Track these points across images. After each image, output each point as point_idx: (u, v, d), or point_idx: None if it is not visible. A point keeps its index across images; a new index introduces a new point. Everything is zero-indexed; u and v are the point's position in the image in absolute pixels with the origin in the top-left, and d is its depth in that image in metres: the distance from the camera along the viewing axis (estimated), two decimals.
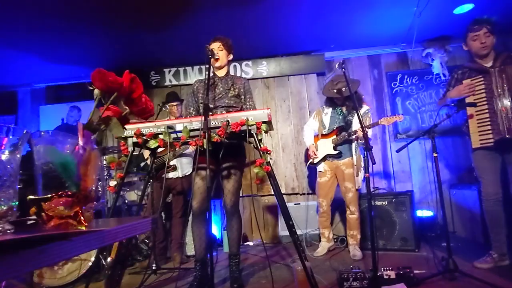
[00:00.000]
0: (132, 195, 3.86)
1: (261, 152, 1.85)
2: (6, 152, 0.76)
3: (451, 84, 2.54)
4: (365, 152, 1.91)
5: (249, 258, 3.28)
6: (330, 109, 3.19)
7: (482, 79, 2.27)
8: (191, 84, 4.33)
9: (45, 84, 4.64)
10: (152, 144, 1.89)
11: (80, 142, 0.81)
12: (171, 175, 3.24)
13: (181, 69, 4.38)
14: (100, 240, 0.62)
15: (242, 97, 2.42)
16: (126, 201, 3.62)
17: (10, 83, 4.59)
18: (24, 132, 0.79)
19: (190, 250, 3.48)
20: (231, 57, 2.47)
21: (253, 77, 4.35)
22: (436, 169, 2.22)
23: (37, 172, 0.80)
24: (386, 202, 3.18)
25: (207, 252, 2.24)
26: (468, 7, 3.49)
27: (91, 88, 0.84)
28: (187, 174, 3.32)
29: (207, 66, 2.14)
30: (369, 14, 3.51)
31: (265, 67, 4.33)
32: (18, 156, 0.78)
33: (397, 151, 2.46)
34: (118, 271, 2.18)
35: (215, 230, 3.81)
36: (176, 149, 2.79)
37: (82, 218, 0.76)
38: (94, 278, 2.79)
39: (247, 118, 1.84)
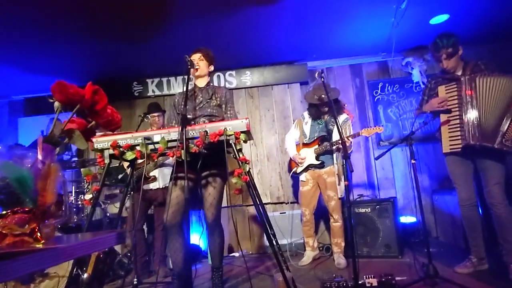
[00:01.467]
0: (113, 208, 3.77)
1: (239, 162, 1.84)
2: None
3: (426, 93, 2.61)
4: (343, 160, 1.92)
5: (234, 270, 3.24)
6: (310, 118, 3.23)
7: (455, 85, 2.34)
8: (174, 95, 4.36)
9: (23, 95, 4.55)
10: (129, 156, 1.86)
11: (39, 156, 0.79)
12: (152, 186, 3.20)
13: (164, 80, 4.36)
14: (54, 257, 0.60)
15: (223, 106, 2.40)
16: (108, 214, 3.53)
17: None
18: None
19: (172, 266, 3.41)
20: (211, 68, 2.47)
21: (237, 87, 4.37)
22: (414, 175, 2.25)
23: None
24: (369, 209, 3.20)
25: (185, 265, 2.19)
26: (443, 17, 3.62)
27: (51, 100, 0.82)
28: (166, 185, 3.28)
29: (187, 76, 2.14)
30: (349, 24, 3.59)
31: (249, 77, 4.36)
32: None
33: (376, 158, 2.49)
34: (96, 287, 2.12)
35: (200, 241, 3.75)
36: (156, 160, 2.75)
37: (38, 235, 0.73)
38: None
39: (225, 128, 1.84)
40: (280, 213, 3.88)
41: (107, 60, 3.92)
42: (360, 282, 2.07)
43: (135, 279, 2.72)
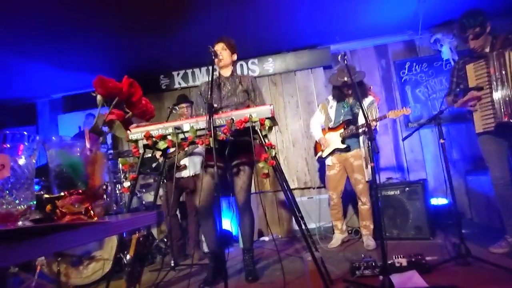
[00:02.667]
0: (149, 196, 3.98)
1: (265, 147, 1.89)
2: (23, 157, 0.84)
3: (454, 75, 2.52)
4: (369, 143, 1.92)
5: (264, 252, 3.34)
6: (335, 102, 3.21)
7: (484, 62, 2.24)
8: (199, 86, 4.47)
9: (62, 94, 4.84)
10: (161, 145, 1.97)
11: (87, 145, 0.88)
12: (183, 174, 3.34)
13: (189, 71, 4.47)
14: (105, 231, 0.69)
15: (252, 94, 2.48)
16: (144, 203, 3.75)
17: (30, 95, 4.81)
18: (37, 138, 0.87)
19: (207, 246, 3.57)
20: (235, 57, 2.53)
21: (260, 75, 4.39)
22: (444, 155, 2.20)
23: (51, 174, 0.88)
24: (398, 191, 3.17)
25: (218, 246, 2.33)
26: None
27: (94, 94, 0.91)
28: (198, 172, 3.41)
29: (212, 67, 2.21)
30: (372, 3, 3.48)
31: (271, 64, 4.37)
32: (34, 161, 0.86)
33: (403, 139, 2.46)
34: (137, 268, 2.29)
35: (231, 227, 3.88)
36: (186, 148, 2.87)
37: (92, 213, 0.83)
38: (116, 277, 2.92)
39: (250, 115, 1.89)
40: (308, 198, 3.93)
41: (135, 55, 4.07)
42: (389, 262, 2.09)
43: (172, 262, 2.89)
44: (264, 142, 1.90)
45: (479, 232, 3.11)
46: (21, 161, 0.83)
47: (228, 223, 3.85)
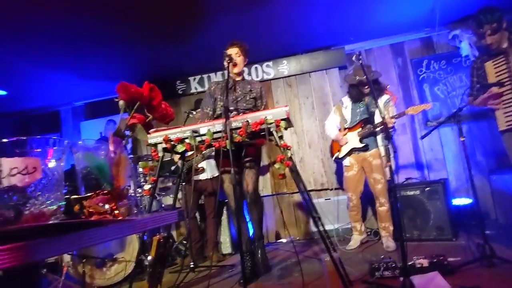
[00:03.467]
0: (168, 199, 4.06)
1: (281, 149, 1.91)
2: (53, 160, 0.89)
3: (474, 75, 2.48)
4: (386, 141, 1.90)
5: (282, 254, 3.34)
6: (351, 102, 3.19)
7: (503, 58, 2.18)
8: None
9: (83, 101, 5.02)
10: (180, 148, 2.02)
11: (111, 148, 0.93)
12: (201, 177, 3.39)
13: (205, 76, 4.55)
14: (131, 228, 0.73)
15: (259, 101, 2.60)
16: (163, 206, 3.83)
17: (54, 104, 5.02)
18: (66, 142, 0.92)
19: (225, 249, 3.61)
20: (246, 61, 2.62)
21: (275, 77, 4.42)
22: (465, 153, 2.15)
23: (78, 176, 0.94)
24: (418, 191, 3.10)
25: (250, 243, 2.51)
26: None
27: (117, 100, 0.96)
28: (215, 175, 3.46)
29: (227, 70, 2.26)
30: (387, 1, 3.44)
31: (286, 66, 4.38)
32: (62, 164, 0.92)
33: (421, 138, 2.42)
34: (158, 269, 2.34)
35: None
36: (203, 152, 2.93)
37: (117, 212, 0.88)
38: (138, 278, 2.99)
39: (266, 116, 1.92)
40: (325, 199, 3.90)
41: (152, 63, 4.18)
42: (410, 263, 2.05)
43: (191, 263, 2.94)
44: (279, 143, 1.91)
45: (504, 233, 3.01)
46: (51, 164, 0.89)
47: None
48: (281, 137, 1.93)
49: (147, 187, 2.05)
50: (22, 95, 4.59)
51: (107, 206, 0.87)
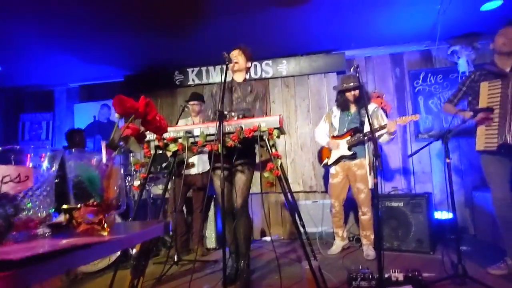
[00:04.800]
0: (156, 190, 4.09)
1: (272, 157, 1.95)
2: (44, 167, 0.91)
3: (466, 84, 2.52)
4: (374, 158, 1.95)
5: (265, 254, 3.41)
6: (339, 112, 3.24)
7: (500, 83, 2.23)
8: (213, 83, 4.52)
9: (79, 83, 4.97)
10: (172, 148, 2.04)
11: (104, 159, 0.95)
12: (191, 171, 3.42)
13: (203, 69, 4.53)
14: (118, 246, 0.76)
15: (258, 103, 2.51)
16: (152, 195, 3.86)
17: (48, 83, 4.95)
18: (59, 150, 0.94)
19: (210, 243, 3.67)
20: (249, 64, 2.57)
21: (273, 76, 4.42)
22: (449, 174, 2.22)
23: (69, 184, 0.96)
24: (402, 203, 3.19)
25: (236, 244, 2.47)
26: (496, 3, 3.36)
27: (116, 115, 0.98)
28: (205, 170, 3.49)
29: (225, 72, 2.25)
30: (390, 12, 3.46)
31: (285, 66, 4.39)
32: (53, 170, 0.94)
33: (409, 156, 2.47)
34: (142, 262, 2.39)
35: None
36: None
37: (105, 224, 0.91)
38: (122, 266, 3.03)
39: (259, 124, 1.94)
40: (312, 201, 3.98)
41: (152, 51, 4.15)
42: (386, 275, 2.13)
43: (176, 256, 2.99)
44: (271, 152, 1.95)
45: (480, 249, 3.12)
46: (42, 171, 0.91)
47: None
48: (273, 146, 1.96)
49: (136, 183, 2.07)
50: (17, 71, 4.52)
51: (95, 217, 0.89)
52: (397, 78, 4.30)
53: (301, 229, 2.08)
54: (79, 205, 0.90)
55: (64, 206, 0.90)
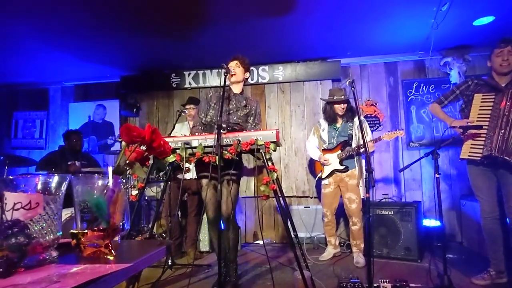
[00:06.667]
0: (150, 191, 4.11)
1: (268, 171, 2.00)
2: (52, 192, 0.95)
3: (460, 88, 2.59)
4: (366, 174, 2.02)
5: (256, 258, 3.47)
6: (326, 125, 3.35)
7: (493, 97, 2.32)
8: (210, 87, 4.55)
9: (74, 82, 4.94)
10: (170, 158, 2.08)
11: (110, 185, 0.99)
12: (186, 176, 3.46)
13: (200, 73, 4.55)
14: (125, 274, 0.80)
15: (251, 118, 2.54)
16: (146, 197, 3.89)
17: (43, 81, 4.91)
18: (65, 177, 0.98)
19: (203, 246, 3.72)
20: (247, 75, 2.60)
21: (269, 82, 4.47)
22: (437, 189, 2.30)
23: (76, 208, 1.00)
24: (392, 212, 3.27)
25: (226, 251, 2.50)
26: (488, 19, 3.45)
27: (120, 140, 1.01)
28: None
29: (223, 84, 2.29)
30: (386, 23, 3.53)
31: (281, 72, 4.44)
32: (61, 195, 0.97)
33: (400, 171, 2.56)
34: None
35: None
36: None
37: (111, 248, 0.95)
38: None
39: (256, 138, 1.99)
40: (305, 207, 4.05)
41: (150, 54, 4.15)
42: (375, 285, 2.21)
43: (170, 260, 3.03)
44: (267, 165, 2.00)
45: (466, 258, 3.23)
46: (51, 196, 0.95)
47: None
48: (269, 159, 2.01)
49: (134, 192, 2.10)
50: (11, 68, 4.47)
51: (102, 242, 0.94)
52: (391, 87, 4.38)
53: (294, 240, 2.13)
54: (86, 230, 0.94)
55: (72, 231, 0.94)
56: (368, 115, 4.31)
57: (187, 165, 3.41)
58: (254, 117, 2.53)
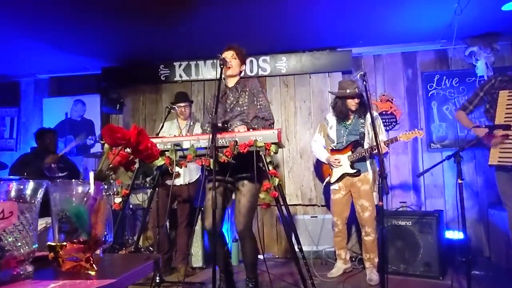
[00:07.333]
0: (135, 199, 4.14)
1: (269, 176, 2.03)
2: (27, 199, 0.97)
3: (484, 89, 2.62)
4: (379, 180, 2.05)
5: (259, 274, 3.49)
6: (334, 121, 3.35)
7: None
8: (203, 80, 4.58)
9: (49, 75, 4.98)
10: (158, 162, 2.11)
11: (92, 192, 1.02)
12: (176, 181, 3.47)
13: (192, 64, 4.58)
14: None
15: (255, 98, 2.57)
16: (131, 206, 3.92)
17: (13, 73, 4.93)
18: (41, 183, 1.01)
19: (196, 262, 3.74)
20: (243, 67, 2.65)
21: (271, 74, 4.50)
22: (460, 196, 2.33)
23: (53, 217, 1.02)
24: (410, 222, 3.30)
25: (226, 263, 2.59)
26: None
27: (102, 142, 1.04)
28: (191, 181, 3.55)
29: (219, 78, 2.32)
30: (403, 8, 3.53)
31: (285, 63, 4.47)
32: (37, 203, 1.00)
33: (418, 176, 2.58)
34: None
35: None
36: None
37: (92, 262, 0.97)
38: None
39: (255, 139, 2.02)
40: (311, 216, 4.08)
41: (135, 42, 4.17)
42: None
43: (158, 277, 3.05)
44: (268, 170, 2.03)
45: (494, 275, 3.25)
46: (25, 205, 0.97)
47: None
48: (270, 163, 2.04)
49: (117, 200, 2.12)
50: None
51: (82, 255, 0.96)
52: (409, 80, 4.41)
53: (299, 254, 2.16)
54: (64, 242, 0.96)
55: (49, 243, 0.97)
56: (384, 112, 4.33)
57: (177, 169, 3.46)
58: (257, 96, 2.54)
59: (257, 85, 2.62)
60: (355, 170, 3.18)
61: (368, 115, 3.15)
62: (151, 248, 3.89)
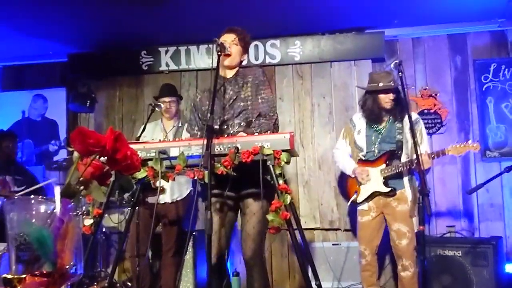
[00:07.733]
0: (109, 221, 4.16)
1: (279, 192, 2.04)
2: None
3: None
4: (420, 197, 2.05)
5: None
6: (363, 124, 3.35)
7: None
8: (195, 70, 4.62)
9: (2, 63, 5.05)
10: (139, 174, 2.13)
11: (58, 212, 1.04)
12: (160, 199, 3.47)
13: (182, 49, 4.63)
14: None
15: (258, 88, 2.60)
16: (104, 229, 3.95)
17: None
18: None
19: None
20: (245, 57, 2.67)
21: (281, 63, 4.54)
22: None
23: (10, 243, 1.05)
24: (460, 252, 3.29)
25: None
26: None
27: (70, 149, 1.07)
28: (180, 198, 3.57)
29: (216, 67, 2.35)
30: None
31: (299, 49, 4.50)
32: None
33: (469, 192, 2.58)
34: None
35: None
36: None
37: None
38: None
39: (262, 145, 2.04)
40: (333, 244, 4.09)
41: (110, 22, 4.20)
42: None
43: None
44: (277, 184, 2.04)
45: None
46: None
47: None
48: (280, 175, 2.05)
49: (88, 222, 2.13)
50: None
51: None
52: (457, 71, 4.42)
53: None
54: (24, 275, 0.99)
55: (5, 275, 0.99)
56: (425, 111, 4.33)
57: (162, 183, 3.48)
58: (258, 86, 2.57)
59: (260, 75, 2.65)
60: (389, 189, 3.17)
61: (406, 118, 3.14)
62: (129, 283, 3.91)
